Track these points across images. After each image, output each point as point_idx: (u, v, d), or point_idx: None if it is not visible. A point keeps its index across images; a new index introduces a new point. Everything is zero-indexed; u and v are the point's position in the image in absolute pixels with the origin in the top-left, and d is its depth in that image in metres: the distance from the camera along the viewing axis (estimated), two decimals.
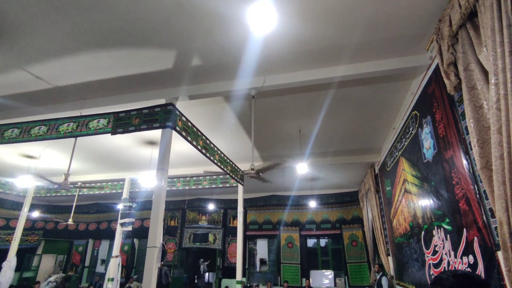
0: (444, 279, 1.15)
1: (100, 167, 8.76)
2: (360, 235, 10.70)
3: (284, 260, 11.06)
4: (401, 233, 6.06)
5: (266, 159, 7.96)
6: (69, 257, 13.45)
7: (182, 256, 12.11)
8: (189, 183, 9.16)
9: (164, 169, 4.22)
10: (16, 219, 10.39)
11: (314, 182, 10.02)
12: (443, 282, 1.14)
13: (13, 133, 5.08)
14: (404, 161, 5.36)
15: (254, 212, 11.87)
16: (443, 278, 1.16)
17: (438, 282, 1.16)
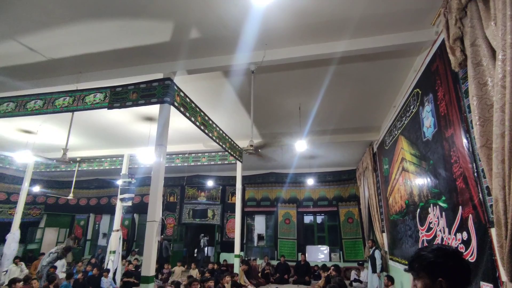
0: (422, 255, 1.17)
1: (98, 142, 8.74)
2: (356, 212, 10.92)
3: (281, 236, 11.35)
4: (397, 211, 6.17)
5: (265, 137, 7.95)
6: (71, 231, 13.76)
7: (181, 231, 12.41)
8: (187, 159, 9.19)
9: (162, 145, 4.21)
10: (17, 193, 10.50)
11: (312, 160, 10.07)
12: (421, 259, 1.16)
13: (9, 107, 5.00)
14: (403, 139, 5.35)
15: (252, 189, 12.03)
16: (421, 254, 1.18)
17: (416, 260, 1.18)
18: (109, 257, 8.66)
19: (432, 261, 1.13)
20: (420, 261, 1.17)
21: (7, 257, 8.54)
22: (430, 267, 1.12)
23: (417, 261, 1.18)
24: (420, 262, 1.16)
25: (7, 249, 8.55)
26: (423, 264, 1.15)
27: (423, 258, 1.16)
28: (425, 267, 1.14)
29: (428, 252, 1.16)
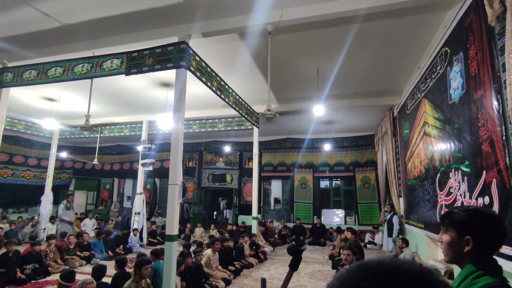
0: (454, 213, 1.17)
1: (118, 109, 8.92)
2: (372, 177, 10.91)
3: (297, 200, 11.62)
4: (415, 176, 6.11)
5: (282, 101, 7.83)
6: (99, 194, 14.65)
7: (200, 194, 12.93)
8: (205, 125, 9.29)
9: (180, 110, 4.24)
10: (46, 159, 11.13)
11: (329, 125, 9.93)
12: (453, 216, 1.17)
13: (31, 74, 5.11)
14: (426, 103, 5.13)
15: (269, 154, 12.15)
16: (454, 212, 1.18)
17: (448, 216, 1.20)
18: (134, 218, 9.24)
19: (463, 220, 1.15)
20: (452, 218, 1.19)
21: (43, 216, 9.28)
22: (460, 225, 1.15)
23: (449, 217, 1.20)
24: (452, 218, 1.18)
25: (43, 209, 9.27)
26: (454, 221, 1.17)
27: (456, 215, 1.18)
28: (456, 223, 1.16)
29: (462, 211, 1.18)
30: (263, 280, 0.92)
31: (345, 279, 0.42)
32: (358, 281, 0.40)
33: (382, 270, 0.42)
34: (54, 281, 4.94)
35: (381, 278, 0.40)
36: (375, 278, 0.40)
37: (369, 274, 0.41)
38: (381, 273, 0.41)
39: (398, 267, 0.42)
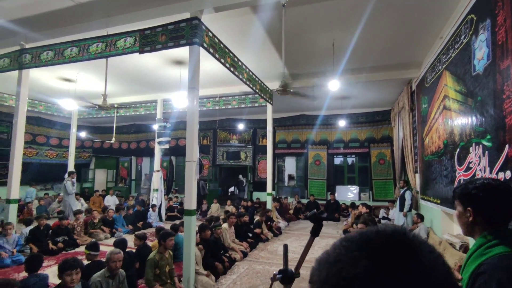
0: (461, 186, 1.22)
1: (133, 88, 9.01)
2: (388, 153, 10.78)
3: (311, 176, 11.69)
4: (433, 151, 6.00)
5: (296, 77, 7.69)
6: (118, 172, 15.19)
7: (215, 172, 13.19)
8: (218, 103, 9.30)
9: (195, 88, 4.25)
10: (67, 138, 11.53)
11: (344, 101, 9.73)
12: (458, 189, 1.20)
13: (48, 55, 5.20)
14: (447, 75, 4.92)
15: (283, 131, 12.13)
16: (461, 185, 1.22)
17: (455, 190, 1.24)
18: (152, 194, 9.59)
19: (465, 192, 1.19)
20: (457, 191, 1.24)
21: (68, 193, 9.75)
22: (462, 197, 1.19)
23: (456, 190, 1.25)
24: (458, 192, 1.23)
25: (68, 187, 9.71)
26: (458, 194, 1.22)
27: (461, 188, 1.23)
28: (459, 196, 1.21)
29: (470, 183, 1.20)
30: (285, 245, 0.96)
31: (344, 246, 0.45)
32: (353, 250, 0.43)
33: (374, 239, 0.44)
34: (82, 252, 5.28)
35: (372, 247, 0.42)
36: (366, 246, 0.43)
37: (360, 244, 0.43)
38: (372, 242, 0.43)
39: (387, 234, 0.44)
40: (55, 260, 5.38)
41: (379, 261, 0.40)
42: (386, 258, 0.41)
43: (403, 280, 0.39)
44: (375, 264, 0.40)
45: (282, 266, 0.95)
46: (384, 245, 0.42)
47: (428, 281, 0.40)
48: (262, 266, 5.27)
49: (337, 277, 0.41)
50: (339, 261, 0.43)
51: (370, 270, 0.40)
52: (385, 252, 0.41)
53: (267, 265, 5.30)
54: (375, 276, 0.39)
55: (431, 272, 0.41)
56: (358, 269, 0.40)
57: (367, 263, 0.40)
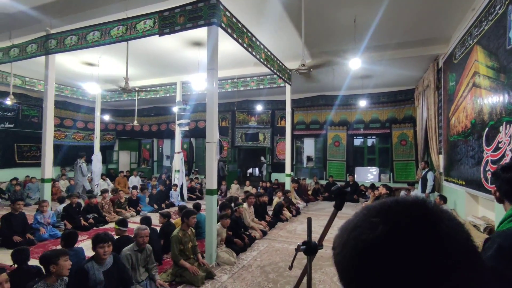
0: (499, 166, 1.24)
1: (152, 71, 9.13)
2: (410, 134, 10.47)
3: (330, 158, 11.60)
4: (459, 131, 5.77)
5: (316, 56, 7.50)
6: (140, 153, 15.72)
7: (234, 153, 13.35)
8: (237, 84, 9.28)
9: (214, 69, 4.26)
10: (92, 121, 11.97)
11: (365, 80, 9.43)
12: (499, 165, 1.23)
13: (72, 40, 5.34)
14: (479, 50, 4.64)
15: (301, 112, 11.99)
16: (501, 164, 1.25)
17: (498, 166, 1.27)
18: (174, 175, 9.90)
19: (494, 172, 1.28)
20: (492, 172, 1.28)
21: (95, 174, 10.28)
22: (492, 176, 1.27)
23: None
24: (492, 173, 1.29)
25: (94, 167, 10.22)
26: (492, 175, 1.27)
27: (496, 169, 1.28)
28: (491, 176, 1.28)
29: (501, 164, 1.28)
30: (309, 219, 0.99)
31: (364, 213, 0.46)
32: (373, 216, 0.44)
33: (393, 207, 0.45)
34: (111, 228, 5.61)
35: (391, 213, 0.44)
36: (385, 213, 0.44)
37: (379, 210, 0.45)
38: (391, 209, 0.44)
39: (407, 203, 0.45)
40: (87, 236, 5.76)
41: (397, 225, 0.41)
42: (404, 223, 0.41)
43: (420, 245, 0.39)
44: (392, 228, 0.41)
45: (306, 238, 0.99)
46: (403, 212, 0.43)
47: (446, 246, 0.40)
48: (281, 244, 5.40)
49: (355, 241, 0.43)
50: (358, 226, 0.45)
51: (387, 233, 0.41)
52: (403, 218, 0.42)
53: (286, 244, 5.43)
54: (392, 239, 0.40)
55: (450, 238, 0.41)
56: (375, 233, 0.41)
57: (385, 227, 0.41)
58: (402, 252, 0.39)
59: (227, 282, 3.83)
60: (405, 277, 0.39)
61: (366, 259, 0.42)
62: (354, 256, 0.43)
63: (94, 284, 2.86)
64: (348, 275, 0.45)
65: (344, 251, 0.45)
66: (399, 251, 0.40)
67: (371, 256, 0.41)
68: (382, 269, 0.40)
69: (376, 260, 0.41)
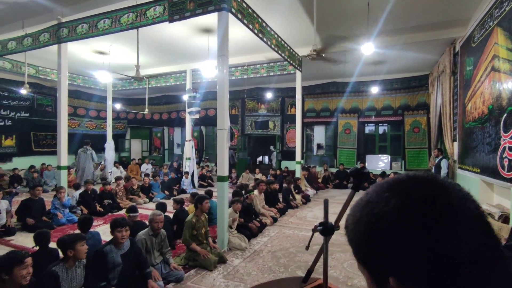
0: None
1: (163, 59, 9.13)
2: (423, 121, 10.26)
3: (341, 145, 11.51)
4: (475, 117, 5.62)
5: (327, 42, 7.34)
6: (151, 142, 15.94)
7: (244, 141, 13.38)
8: (247, 72, 9.21)
9: (224, 55, 4.23)
10: (104, 110, 12.15)
11: (378, 66, 9.21)
12: None
13: (83, 28, 5.37)
14: (499, 32, 4.45)
15: (312, 99, 11.85)
16: None
17: None
18: (185, 162, 10.02)
19: None
20: None
21: (108, 161, 10.51)
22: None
23: None
24: None
25: (107, 155, 10.45)
26: None
27: None
28: None
29: None
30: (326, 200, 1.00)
31: (376, 188, 0.47)
32: (384, 192, 0.45)
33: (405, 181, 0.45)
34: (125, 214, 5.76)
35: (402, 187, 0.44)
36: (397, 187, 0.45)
37: (391, 186, 0.45)
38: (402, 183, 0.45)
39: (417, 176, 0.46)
40: (102, 221, 5.94)
41: (409, 198, 0.42)
42: (415, 195, 0.42)
43: (431, 215, 0.40)
44: (404, 201, 0.42)
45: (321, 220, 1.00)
46: (414, 185, 0.44)
47: (458, 214, 0.41)
48: (291, 231, 5.46)
49: (369, 216, 0.44)
50: (370, 202, 0.46)
51: (399, 206, 0.42)
52: (414, 190, 0.43)
53: (296, 230, 5.48)
54: (404, 211, 0.41)
55: (461, 207, 0.41)
56: (388, 207, 0.42)
57: (397, 200, 0.42)
58: (415, 223, 0.40)
59: (239, 266, 3.92)
60: (419, 247, 0.39)
61: (380, 233, 0.42)
62: (368, 231, 0.44)
63: (113, 266, 2.97)
64: (363, 250, 0.46)
65: (358, 227, 0.46)
66: (412, 222, 0.40)
67: (385, 230, 0.42)
68: (396, 241, 0.41)
69: (390, 233, 0.41)
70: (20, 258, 2.18)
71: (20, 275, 2.14)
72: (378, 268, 0.44)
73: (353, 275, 3.63)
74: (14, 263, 2.13)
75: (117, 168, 10.92)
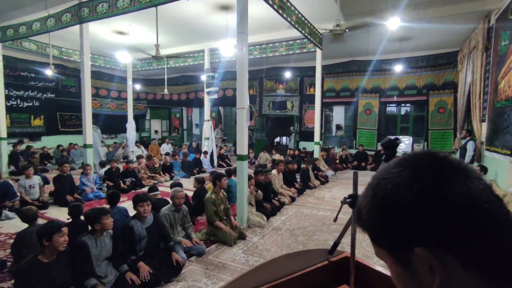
0: None
1: (181, 38, 9.08)
2: (450, 101, 9.79)
3: (360, 126, 11.26)
4: (508, 96, 5.29)
5: (350, 17, 7.01)
6: (170, 122, 16.21)
7: (262, 121, 13.35)
8: (265, 50, 9.03)
9: (244, 33, 4.15)
10: (124, 91, 12.38)
11: (403, 43, 8.76)
12: None
13: (103, 7, 5.39)
14: None
15: (332, 79, 11.53)
16: None
17: None
18: (204, 142, 10.17)
19: None
20: None
21: (130, 141, 10.83)
22: None
23: None
24: None
25: (129, 135, 10.76)
26: None
27: None
28: None
29: None
30: (355, 173, 0.99)
31: (386, 167, 0.48)
32: (394, 167, 0.46)
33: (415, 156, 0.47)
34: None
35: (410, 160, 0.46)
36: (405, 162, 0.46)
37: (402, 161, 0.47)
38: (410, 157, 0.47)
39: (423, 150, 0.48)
40: (126, 197, 6.20)
41: (418, 168, 0.44)
42: (425, 167, 0.44)
43: (441, 185, 0.41)
44: (415, 172, 0.43)
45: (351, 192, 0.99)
46: (423, 159, 0.46)
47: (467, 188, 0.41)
48: (309, 210, 5.50)
49: (383, 191, 0.45)
50: (381, 180, 0.46)
51: (410, 177, 0.43)
52: (424, 163, 0.45)
53: (314, 210, 5.52)
54: (415, 181, 0.42)
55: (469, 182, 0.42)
56: (399, 179, 0.44)
57: (407, 171, 0.44)
58: (426, 190, 0.41)
59: (258, 242, 4.02)
60: (432, 214, 0.40)
61: (398, 204, 0.43)
62: (385, 204, 0.44)
63: (139, 239, 3.14)
64: (381, 228, 0.46)
65: (373, 205, 0.46)
66: (424, 190, 0.41)
67: (402, 200, 0.42)
68: (411, 210, 0.41)
69: (404, 203, 0.42)
70: (58, 227, 2.42)
71: (58, 241, 2.39)
72: (400, 243, 0.43)
73: (372, 254, 3.65)
74: (54, 231, 2.38)
75: (138, 147, 11.24)
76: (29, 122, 10.98)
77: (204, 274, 3.19)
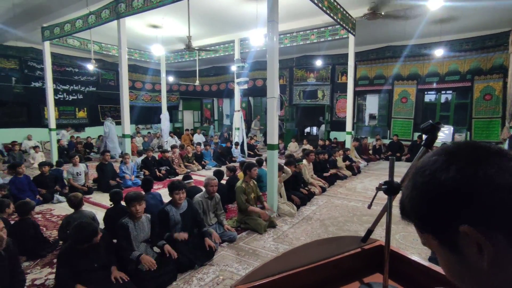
0: None
1: (211, 30, 9.18)
2: (498, 87, 9.00)
3: (395, 115, 10.77)
4: None
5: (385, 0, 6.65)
6: (202, 113, 16.59)
7: (292, 111, 13.22)
8: (296, 38, 8.86)
9: (274, 21, 4.11)
10: (158, 83, 12.85)
11: (444, 24, 8.14)
12: None
13: (139, 2, 5.60)
14: None
15: (365, 66, 11.07)
16: None
17: None
18: (234, 132, 10.31)
19: None
20: None
21: (164, 132, 11.28)
22: None
23: None
24: None
25: (163, 126, 11.21)
26: None
27: None
28: None
29: None
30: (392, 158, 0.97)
31: (424, 158, 0.49)
32: (431, 157, 0.47)
33: (454, 146, 0.48)
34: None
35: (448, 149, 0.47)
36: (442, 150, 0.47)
37: (439, 150, 0.48)
38: (447, 147, 0.48)
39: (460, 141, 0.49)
40: (162, 185, 6.52)
41: (456, 154, 0.45)
42: (463, 151, 0.45)
43: (480, 164, 0.42)
44: (452, 156, 0.45)
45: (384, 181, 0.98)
46: (461, 147, 0.47)
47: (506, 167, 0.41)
48: (340, 201, 5.42)
49: (422, 177, 0.46)
50: (420, 169, 0.48)
51: (447, 161, 0.45)
52: (460, 151, 0.46)
53: (345, 201, 5.43)
54: (452, 163, 0.44)
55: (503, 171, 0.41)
56: (437, 164, 0.45)
57: (443, 158, 0.45)
58: (465, 169, 0.42)
59: (288, 231, 4.06)
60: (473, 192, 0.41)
61: (434, 189, 0.44)
62: (423, 192, 0.46)
63: (174, 223, 3.31)
64: (421, 212, 0.47)
65: (413, 192, 0.48)
66: (462, 169, 0.42)
67: (438, 184, 0.44)
68: (452, 190, 0.42)
69: (443, 185, 0.43)
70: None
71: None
72: (445, 224, 0.44)
73: (405, 247, 3.55)
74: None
75: (172, 137, 11.68)
76: (74, 114, 11.87)
77: (235, 259, 3.30)
